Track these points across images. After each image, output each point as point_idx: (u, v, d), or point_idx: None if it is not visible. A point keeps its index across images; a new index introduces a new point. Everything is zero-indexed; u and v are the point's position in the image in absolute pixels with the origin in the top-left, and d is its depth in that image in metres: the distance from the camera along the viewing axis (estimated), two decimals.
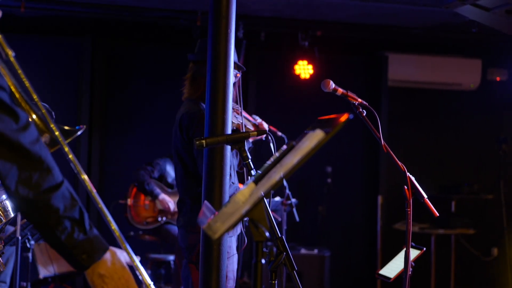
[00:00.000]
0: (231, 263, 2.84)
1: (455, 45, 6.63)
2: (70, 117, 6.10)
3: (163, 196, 5.12)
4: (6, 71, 1.50)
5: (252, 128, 3.08)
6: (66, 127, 1.61)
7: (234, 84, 3.00)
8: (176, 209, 5.25)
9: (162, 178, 5.34)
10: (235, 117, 2.98)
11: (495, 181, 6.48)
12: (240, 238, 2.97)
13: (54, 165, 1.41)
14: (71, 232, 1.40)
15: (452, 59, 6.68)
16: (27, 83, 1.51)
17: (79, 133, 1.61)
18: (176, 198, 5.25)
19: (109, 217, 1.48)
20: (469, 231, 6.28)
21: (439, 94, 6.86)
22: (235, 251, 2.89)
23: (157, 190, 5.16)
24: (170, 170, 5.27)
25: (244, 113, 3.08)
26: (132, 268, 1.53)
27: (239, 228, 2.94)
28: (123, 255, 1.51)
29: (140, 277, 1.47)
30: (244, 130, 2.95)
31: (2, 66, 1.48)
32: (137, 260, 1.47)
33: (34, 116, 1.56)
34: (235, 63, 2.94)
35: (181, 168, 2.99)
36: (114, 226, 1.46)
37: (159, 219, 5.21)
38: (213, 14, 2.68)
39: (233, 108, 3.00)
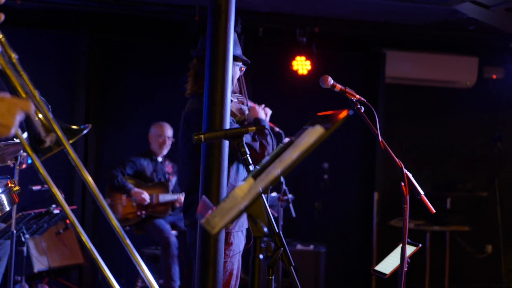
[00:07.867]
0: (237, 260, 2.81)
1: (452, 43, 6.63)
2: (66, 110, 6.08)
3: (135, 189, 5.26)
4: (12, 72, 1.50)
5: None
6: (73, 126, 1.62)
7: (239, 78, 2.99)
8: (157, 202, 5.32)
9: (139, 174, 5.45)
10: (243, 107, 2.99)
11: (490, 179, 6.49)
12: (248, 234, 2.90)
13: None
14: None
15: (449, 57, 6.68)
16: (28, 82, 1.53)
17: (84, 132, 1.62)
18: (155, 191, 5.36)
19: (111, 214, 1.49)
20: (464, 228, 6.30)
21: (435, 91, 6.87)
22: (241, 249, 2.84)
23: (129, 185, 5.29)
24: (147, 165, 5.45)
25: (250, 103, 3.07)
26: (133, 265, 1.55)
27: (246, 223, 2.86)
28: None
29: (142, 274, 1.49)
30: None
31: (8, 67, 1.48)
32: (138, 256, 1.48)
33: (40, 116, 1.57)
34: (239, 57, 2.91)
35: (190, 166, 2.88)
36: (115, 222, 1.48)
37: (138, 213, 5.30)
38: (213, 9, 2.67)
39: (238, 99, 2.99)
